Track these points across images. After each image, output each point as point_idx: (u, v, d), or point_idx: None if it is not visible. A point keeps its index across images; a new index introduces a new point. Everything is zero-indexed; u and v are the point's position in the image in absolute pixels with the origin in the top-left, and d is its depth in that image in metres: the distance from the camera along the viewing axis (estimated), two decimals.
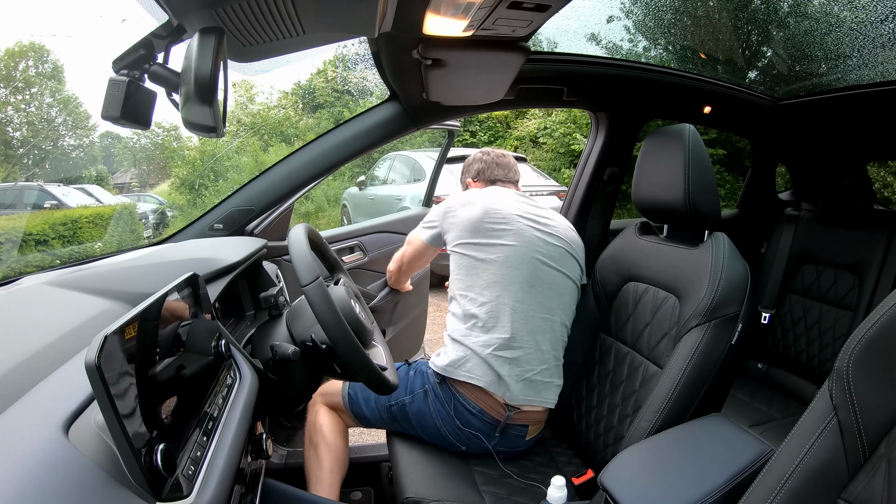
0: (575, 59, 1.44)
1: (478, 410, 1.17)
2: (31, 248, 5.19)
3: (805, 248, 1.85)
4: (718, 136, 6.31)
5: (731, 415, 1.47)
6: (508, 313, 1.17)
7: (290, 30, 0.84)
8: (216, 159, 8.91)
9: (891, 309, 0.58)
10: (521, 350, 1.17)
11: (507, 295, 1.18)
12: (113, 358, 0.45)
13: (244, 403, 0.70)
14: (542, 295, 1.20)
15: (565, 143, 7.42)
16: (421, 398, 1.22)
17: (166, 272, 0.81)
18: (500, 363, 1.16)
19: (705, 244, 1.08)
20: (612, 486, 0.80)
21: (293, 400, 1.00)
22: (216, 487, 0.53)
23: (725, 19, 2.60)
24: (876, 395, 0.58)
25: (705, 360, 0.97)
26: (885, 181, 5.66)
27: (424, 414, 1.21)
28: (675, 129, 1.12)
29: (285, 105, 10.75)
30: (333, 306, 0.83)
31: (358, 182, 6.18)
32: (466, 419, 1.18)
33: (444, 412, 1.19)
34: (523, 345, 1.17)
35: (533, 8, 0.88)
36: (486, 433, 1.18)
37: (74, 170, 9.87)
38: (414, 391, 1.24)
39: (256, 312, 1.15)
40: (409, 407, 1.23)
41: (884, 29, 1.46)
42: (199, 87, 0.64)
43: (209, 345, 0.71)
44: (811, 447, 0.61)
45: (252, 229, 1.44)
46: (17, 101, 9.03)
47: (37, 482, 0.41)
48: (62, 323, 0.70)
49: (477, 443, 1.18)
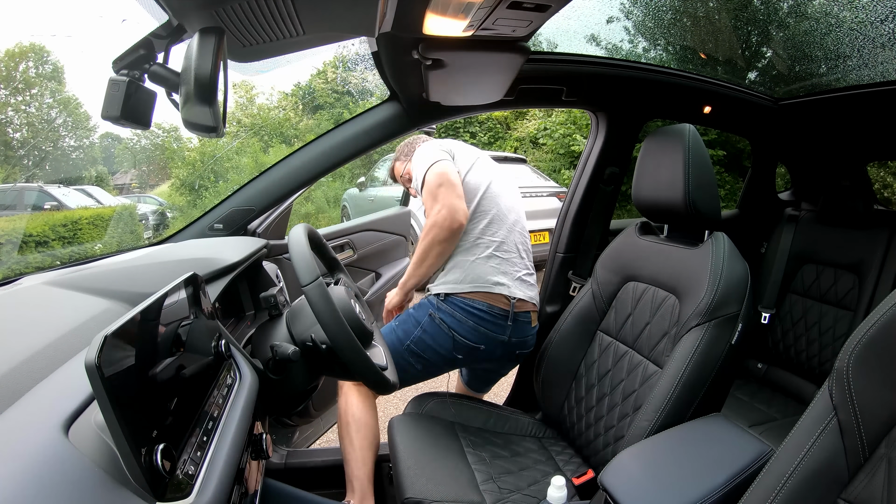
0: (575, 59, 1.44)
1: (486, 306, 1.32)
2: (31, 249, 5.19)
3: (805, 248, 1.85)
4: (718, 137, 6.31)
5: (731, 415, 1.48)
6: (499, 223, 1.39)
7: (290, 30, 0.84)
8: (216, 160, 8.91)
9: (891, 309, 0.58)
10: (510, 253, 1.38)
11: (496, 212, 1.40)
12: (113, 358, 0.45)
13: (244, 403, 0.70)
14: (516, 213, 1.45)
15: (565, 143, 7.41)
16: (430, 323, 1.34)
17: (166, 272, 0.81)
18: (496, 263, 1.35)
19: (705, 244, 1.08)
20: (612, 486, 0.80)
21: (293, 400, 1.00)
22: (216, 487, 0.53)
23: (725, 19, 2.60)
24: (876, 395, 0.58)
25: (705, 359, 0.97)
26: (885, 181, 5.66)
27: (439, 333, 1.34)
28: (676, 130, 1.12)
29: (285, 106, 10.75)
30: (333, 306, 0.83)
31: (358, 183, 6.17)
32: (479, 317, 1.32)
33: (455, 321, 1.33)
34: (511, 249, 1.38)
35: (533, 8, 0.88)
36: (499, 324, 1.34)
37: (74, 171, 9.88)
38: (421, 321, 1.36)
39: (256, 312, 1.15)
40: (424, 336, 1.35)
41: (884, 29, 1.46)
42: (199, 87, 0.64)
43: (209, 345, 0.71)
44: (811, 447, 0.61)
45: (252, 229, 1.45)
46: (17, 102, 9.04)
47: (37, 482, 0.41)
48: (62, 323, 0.70)
49: (493, 336, 1.34)
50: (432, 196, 1.33)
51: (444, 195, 1.31)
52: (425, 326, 1.35)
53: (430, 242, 1.33)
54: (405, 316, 1.41)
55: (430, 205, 1.33)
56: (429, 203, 1.34)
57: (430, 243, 1.33)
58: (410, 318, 1.38)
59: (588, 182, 1.71)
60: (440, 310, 1.35)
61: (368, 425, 1.34)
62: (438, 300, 1.36)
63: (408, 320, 1.39)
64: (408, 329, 1.37)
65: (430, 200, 1.34)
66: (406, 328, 1.38)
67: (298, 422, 1.65)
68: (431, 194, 1.33)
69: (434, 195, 1.32)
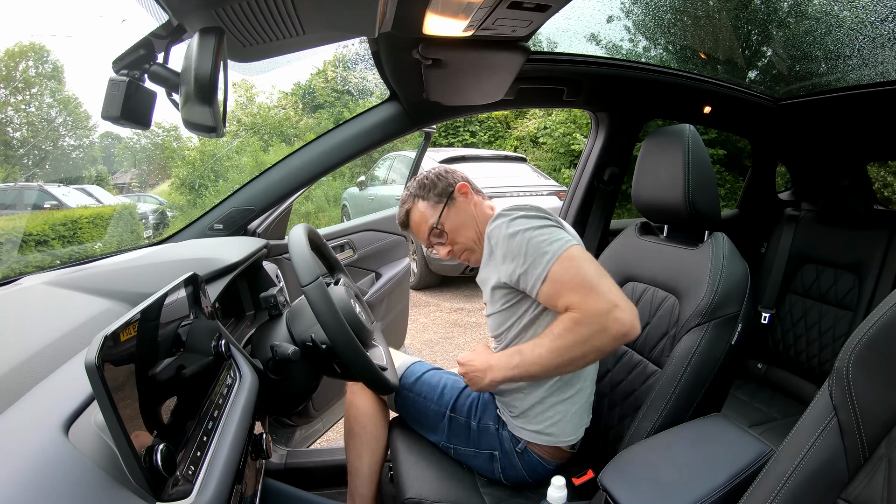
0: (575, 59, 1.44)
1: (554, 466, 1.08)
2: (31, 249, 5.19)
3: (805, 248, 1.85)
4: (718, 136, 6.30)
5: (731, 415, 1.48)
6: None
7: (290, 30, 0.84)
8: (216, 159, 8.91)
9: (891, 309, 0.58)
10: (578, 384, 1.07)
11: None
12: (113, 358, 0.45)
13: (244, 403, 0.70)
14: None
15: (565, 143, 7.41)
16: (486, 458, 1.10)
17: (166, 272, 0.81)
18: (581, 412, 1.07)
19: (705, 244, 1.08)
20: (612, 486, 0.80)
21: (293, 400, 1.00)
22: (216, 487, 0.53)
23: (725, 19, 2.60)
24: (876, 395, 0.58)
25: (705, 360, 0.97)
26: (885, 181, 5.65)
27: (489, 469, 1.11)
28: (676, 130, 1.12)
29: (285, 105, 10.74)
30: (333, 306, 0.83)
31: (358, 182, 6.18)
32: (540, 475, 1.08)
33: (515, 474, 1.09)
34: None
35: (533, 8, 0.88)
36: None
37: (74, 170, 9.87)
38: (479, 449, 1.11)
39: (256, 312, 1.15)
40: (470, 458, 1.13)
41: (884, 29, 1.46)
42: (199, 87, 0.64)
43: (209, 345, 0.71)
44: (811, 447, 0.61)
45: (252, 229, 1.45)
46: (17, 102, 9.03)
47: (37, 482, 0.41)
48: (62, 323, 0.70)
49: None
50: (588, 289, 0.87)
51: (614, 289, 0.87)
52: (481, 457, 1.11)
53: (586, 345, 0.86)
54: (464, 421, 1.13)
55: (582, 298, 0.87)
56: (579, 296, 0.87)
57: (584, 345, 0.86)
58: (460, 429, 1.13)
59: (588, 182, 1.71)
60: (509, 461, 1.07)
61: (380, 440, 1.21)
62: (512, 446, 1.07)
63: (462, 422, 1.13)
64: (457, 437, 1.13)
65: (582, 293, 0.87)
66: (461, 415, 1.14)
67: (298, 422, 1.65)
68: (586, 287, 0.87)
69: (592, 286, 0.87)
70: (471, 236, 1.11)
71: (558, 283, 0.89)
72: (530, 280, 0.92)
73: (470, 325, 3.65)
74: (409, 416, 1.22)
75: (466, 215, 1.12)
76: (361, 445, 1.20)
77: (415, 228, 1.15)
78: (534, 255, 0.91)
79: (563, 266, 0.90)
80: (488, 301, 1.09)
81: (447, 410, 1.14)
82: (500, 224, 0.97)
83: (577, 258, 0.91)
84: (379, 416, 1.22)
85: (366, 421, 1.20)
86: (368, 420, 1.21)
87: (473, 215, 1.13)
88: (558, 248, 0.91)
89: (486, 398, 1.15)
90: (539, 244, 0.92)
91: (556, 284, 0.90)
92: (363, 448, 1.20)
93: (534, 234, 0.93)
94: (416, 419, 1.20)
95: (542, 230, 0.94)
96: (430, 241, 1.14)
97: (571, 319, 0.87)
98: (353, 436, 1.21)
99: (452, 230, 1.11)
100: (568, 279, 0.89)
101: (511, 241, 0.94)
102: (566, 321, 0.88)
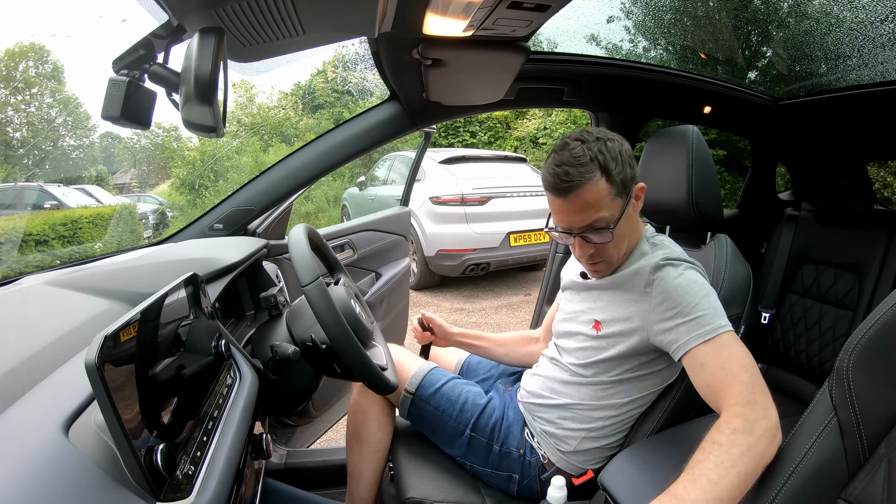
0: (575, 59, 1.44)
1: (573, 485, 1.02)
2: (31, 249, 5.19)
3: (805, 249, 1.85)
4: (719, 137, 6.31)
5: None
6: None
7: (290, 30, 0.84)
8: (216, 159, 8.91)
9: (891, 309, 0.58)
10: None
11: None
12: (113, 358, 0.45)
13: (244, 403, 0.70)
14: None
15: None
16: (504, 479, 1.07)
17: (166, 272, 0.81)
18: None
19: (708, 246, 1.08)
20: (612, 486, 0.80)
21: (293, 400, 1.00)
22: (216, 487, 0.53)
23: (725, 19, 2.60)
24: (876, 395, 0.58)
25: None
26: (885, 181, 5.65)
27: (503, 486, 1.08)
28: (679, 131, 1.12)
29: (285, 105, 10.74)
30: (333, 306, 0.83)
31: (358, 182, 6.17)
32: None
33: (530, 493, 1.06)
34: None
35: (533, 8, 0.88)
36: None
37: (74, 170, 9.88)
38: (499, 470, 1.07)
39: (256, 312, 1.15)
40: (489, 478, 1.09)
41: (884, 29, 1.46)
42: (199, 87, 0.64)
43: (209, 345, 0.71)
44: (811, 447, 0.61)
45: (252, 229, 1.45)
46: (17, 102, 9.04)
47: (37, 482, 0.41)
48: (62, 323, 0.70)
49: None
50: (752, 390, 0.75)
51: (765, 393, 0.75)
52: (499, 479, 1.08)
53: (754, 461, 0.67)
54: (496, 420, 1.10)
55: (746, 400, 0.74)
56: (746, 396, 0.74)
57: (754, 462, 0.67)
58: (480, 451, 1.09)
59: None
60: (525, 482, 1.05)
61: (385, 446, 1.19)
62: (539, 471, 1.04)
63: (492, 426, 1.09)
64: (477, 457, 1.09)
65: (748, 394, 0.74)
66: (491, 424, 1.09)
67: (298, 422, 1.65)
68: (752, 388, 0.75)
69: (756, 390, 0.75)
70: (624, 249, 0.95)
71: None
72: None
73: (470, 325, 3.65)
74: (423, 427, 1.16)
75: (632, 225, 0.95)
76: (368, 452, 1.17)
77: (577, 205, 0.88)
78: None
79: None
80: (588, 326, 0.99)
81: (467, 429, 1.09)
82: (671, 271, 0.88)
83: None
84: (386, 422, 1.20)
85: (375, 427, 1.18)
86: (377, 426, 1.18)
87: (636, 227, 0.98)
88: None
89: (509, 420, 1.10)
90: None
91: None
92: (369, 455, 1.17)
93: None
94: (432, 431, 1.15)
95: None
96: (586, 234, 0.90)
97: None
98: (360, 441, 1.18)
99: (619, 236, 0.91)
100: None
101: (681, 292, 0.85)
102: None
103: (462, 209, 4.06)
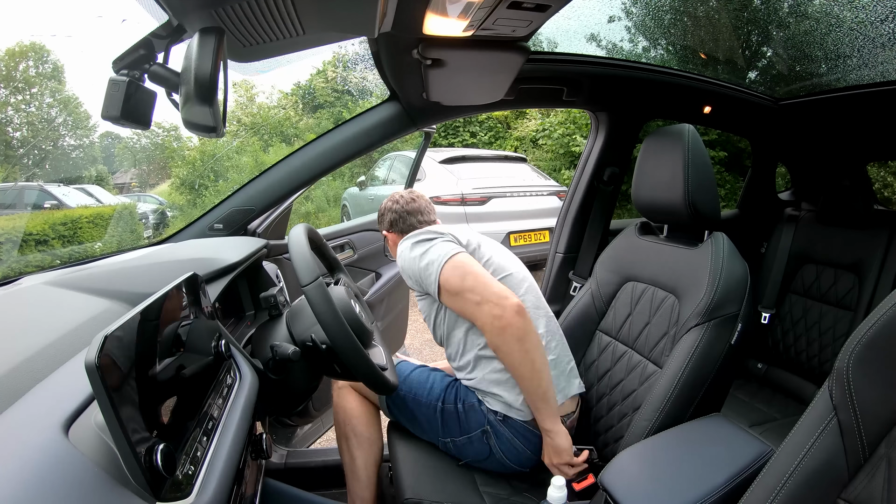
0: (575, 59, 1.44)
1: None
2: (31, 248, 5.19)
3: (805, 248, 1.85)
4: (719, 137, 6.30)
5: (731, 415, 1.48)
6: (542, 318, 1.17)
7: (290, 30, 0.84)
8: (216, 159, 8.90)
9: (891, 309, 0.58)
10: (556, 350, 1.16)
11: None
12: (113, 358, 0.45)
13: (244, 403, 0.70)
14: (528, 280, 1.23)
15: (565, 143, 7.40)
16: (479, 438, 1.13)
17: (166, 272, 0.81)
18: (554, 376, 1.10)
19: (705, 244, 1.08)
20: (612, 486, 0.80)
21: (293, 400, 1.00)
22: (216, 487, 0.53)
23: (725, 19, 2.60)
24: (876, 395, 0.58)
25: (704, 359, 0.97)
26: (885, 181, 5.65)
27: (487, 452, 1.13)
28: (675, 130, 1.12)
29: (285, 105, 10.74)
30: (333, 306, 0.83)
31: (358, 182, 6.17)
32: (536, 445, 1.11)
33: (511, 448, 1.11)
34: (554, 338, 1.17)
35: (533, 8, 0.88)
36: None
37: (74, 170, 9.88)
38: (470, 432, 1.14)
39: (256, 312, 1.15)
40: (467, 447, 1.15)
41: (884, 29, 1.46)
42: (199, 87, 0.64)
43: (209, 345, 0.71)
44: (811, 447, 0.61)
45: (252, 229, 1.45)
46: (17, 102, 9.04)
47: (37, 482, 0.41)
48: (62, 323, 0.70)
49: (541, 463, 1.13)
50: (463, 298, 1.03)
51: (478, 286, 1.01)
52: (474, 440, 1.13)
53: (523, 351, 1.01)
54: (450, 414, 1.16)
55: (473, 310, 1.03)
56: (470, 309, 1.03)
57: (522, 352, 1.01)
58: (450, 417, 1.16)
59: (588, 182, 1.71)
60: (498, 434, 1.11)
61: (372, 441, 1.23)
62: (498, 420, 1.11)
63: (452, 419, 1.16)
64: (448, 428, 1.16)
65: (470, 305, 1.03)
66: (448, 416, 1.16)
67: (298, 422, 1.65)
68: (465, 296, 1.02)
69: (467, 295, 1.02)
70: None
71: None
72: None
73: None
74: (403, 419, 1.23)
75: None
76: (353, 447, 1.23)
77: None
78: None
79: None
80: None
81: (439, 402, 1.17)
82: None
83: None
84: (368, 417, 1.25)
85: (355, 423, 1.23)
86: (358, 422, 1.23)
87: None
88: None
89: (464, 386, 1.20)
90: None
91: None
92: (355, 450, 1.22)
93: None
94: (410, 420, 1.21)
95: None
96: None
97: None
98: (344, 438, 1.24)
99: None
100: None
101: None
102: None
103: (462, 209, 4.06)
